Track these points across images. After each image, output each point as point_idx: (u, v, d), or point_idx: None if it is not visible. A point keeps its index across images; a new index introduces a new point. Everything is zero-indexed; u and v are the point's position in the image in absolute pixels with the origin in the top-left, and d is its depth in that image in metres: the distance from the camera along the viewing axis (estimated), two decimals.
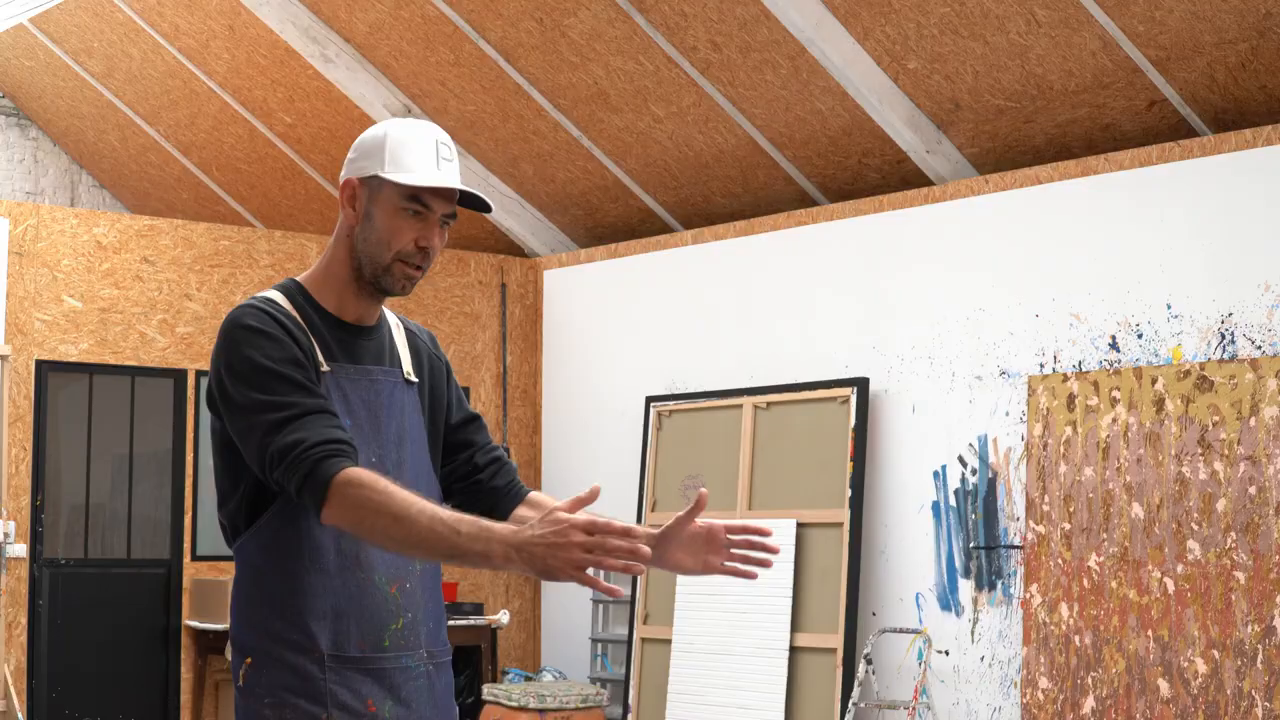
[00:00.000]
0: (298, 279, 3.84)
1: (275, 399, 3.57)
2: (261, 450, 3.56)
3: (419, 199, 3.73)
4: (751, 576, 3.86)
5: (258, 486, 3.68)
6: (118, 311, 11.15)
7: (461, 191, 3.82)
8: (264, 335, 3.63)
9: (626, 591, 3.23)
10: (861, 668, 9.81)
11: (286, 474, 3.52)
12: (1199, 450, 8.59)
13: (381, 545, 3.54)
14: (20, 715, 10.24)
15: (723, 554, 3.84)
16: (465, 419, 3.98)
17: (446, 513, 3.43)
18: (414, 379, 3.89)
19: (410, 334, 3.97)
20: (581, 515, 3.30)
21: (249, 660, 3.70)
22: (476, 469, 3.94)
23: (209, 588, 11.04)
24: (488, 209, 3.88)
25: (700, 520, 3.82)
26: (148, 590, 11.18)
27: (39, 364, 10.83)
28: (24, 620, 10.64)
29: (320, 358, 3.70)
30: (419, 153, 3.76)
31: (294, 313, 3.73)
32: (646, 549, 3.31)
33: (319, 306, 3.78)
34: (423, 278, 3.79)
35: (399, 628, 3.72)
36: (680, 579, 10.85)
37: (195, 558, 11.32)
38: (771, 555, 3.83)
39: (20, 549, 10.56)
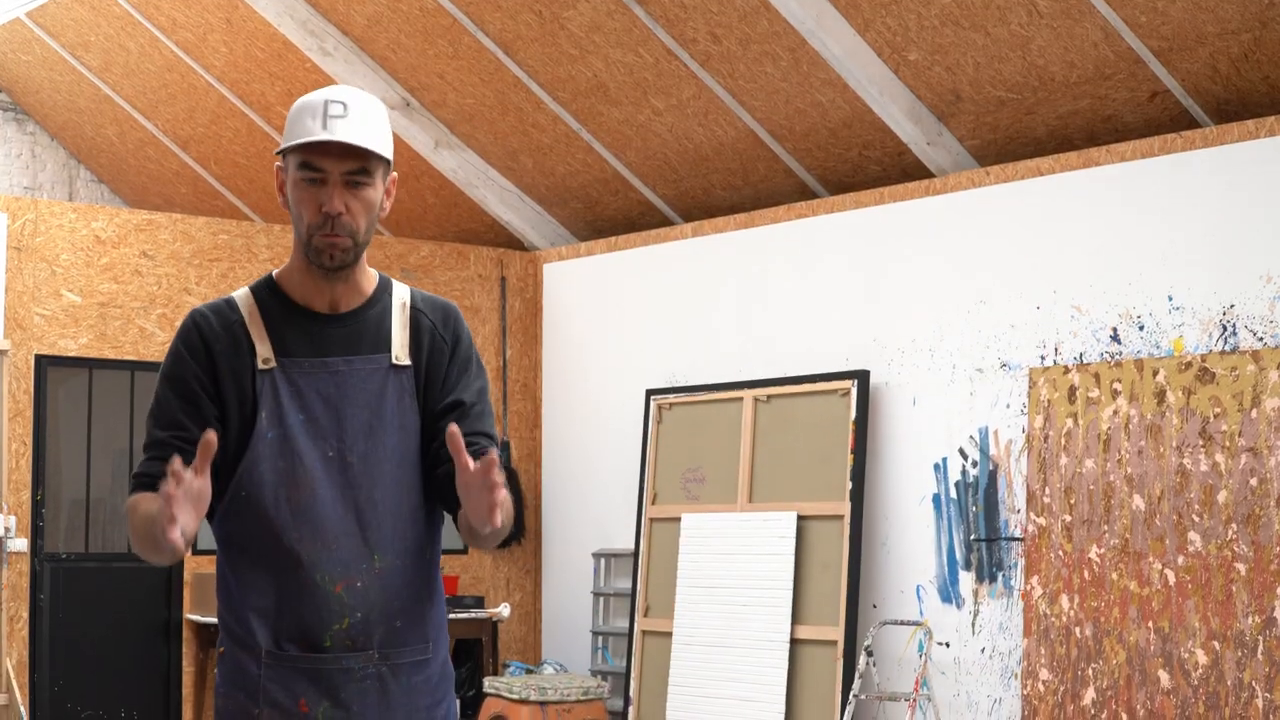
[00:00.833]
0: (273, 274, 3.82)
1: (149, 427, 3.76)
2: None
3: (310, 165, 3.61)
4: (492, 522, 3.41)
5: (215, 481, 3.66)
6: (117, 306, 11.14)
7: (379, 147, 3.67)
8: (176, 357, 3.73)
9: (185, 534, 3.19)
10: (862, 660, 9.81)
11: None
12: (1200, 442, 8.59)
13: (146, 555, 3.61)
14: (22, 709, 10.24)
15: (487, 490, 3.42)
16: (446, 406, 3.80)
17: (151, 509, 3.50)
18: (404, 362, 3.79)
19: (415, 312, 3.85)
20: (179, 460, 3.33)
21: (220, 650, 3.76)
22: (438, 462, 3.76)
23: (210, 582, 11.03)
24: (383, 158, 3.67)
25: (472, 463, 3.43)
26: (149, 584, 11.17)
27: (38, 359, 10.82)
28: (25, 615, 10.64)
29: (265, 354, 3.69)
30: (306, 119, 3.62)
31: (250, 313, 3.73)
32: (173, 495, 3.28)
33: (287, 299, 3.76)
34: (352, 243, 3.65)
35: (343, 628, 3.66)
36: (681, 571, 10.86)
37: (196, 552, 11.30)
38: (495, 491, 3.39)
39: (21, 544, 10.56)
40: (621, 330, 12.22)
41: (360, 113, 3.64)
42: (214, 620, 10.91)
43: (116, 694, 10.98)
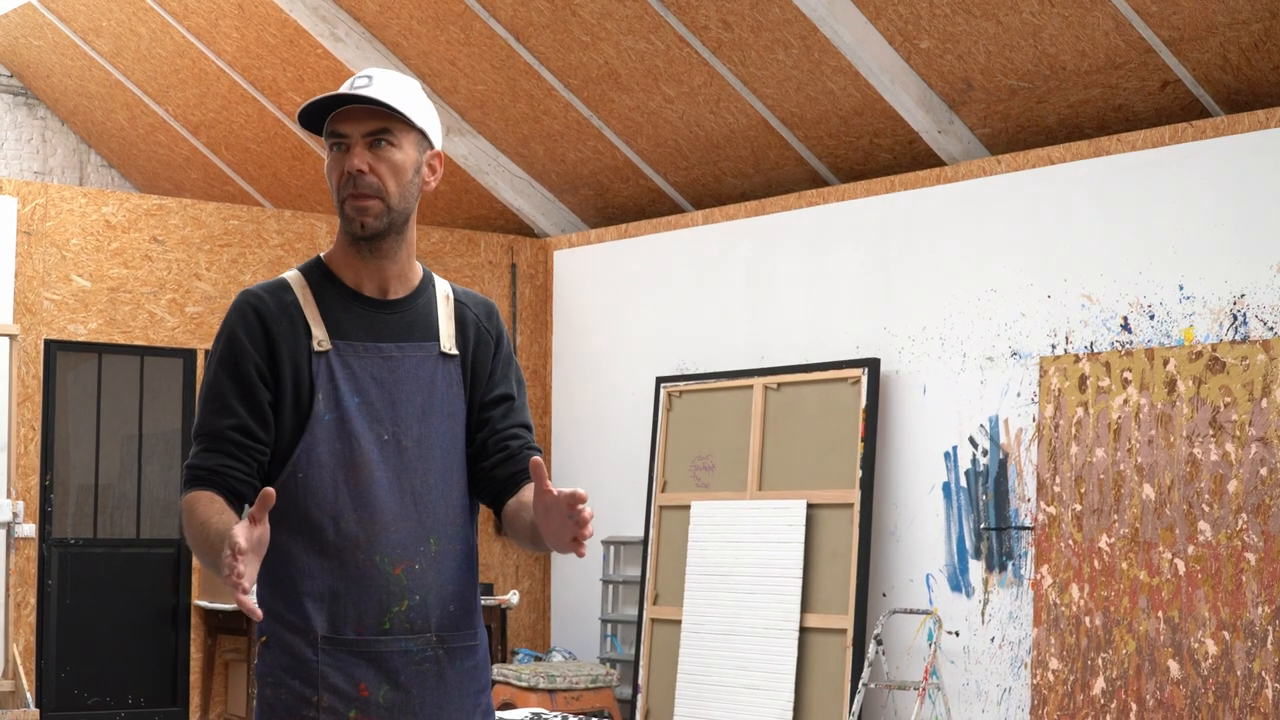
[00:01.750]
0: (321, 256, 3.82)
1: (203, 411, 3.66)
2: None
3: (334, 132, 3.66)
4: (578, 554, 3.51)
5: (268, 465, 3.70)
6: (126, 291, 11.14)
7: (396, 109, 3.67)
8: (235, 340, 3.66)
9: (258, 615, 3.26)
10: (872, 648, 9.80)
11: None
12: (1210, 431, 8.57)
13: (203, 564, 3.62)
14: (29, 695, 10.24)
15: (570, 527, 3.50)
16: (494, 399, 3.85)
17: (215, 525, 3.47)
18: (453, 351, 3.81)
19: (459, 304, 3.87)
20: (240, 530, 3.26)
21: (263, 639, 3.70)
22: (484, 454, 3.82)
23: None
24: (406, 120, 3.68)
25: (557, 489, 3.51)
26: (156, 570, 11.18)
27: (48, 343, 10.82)
28: (33, 600, 10.64)
29: (321, 337, 3.67)
30: (335, 92, 3.68)
31: (304, 295, 3.71)
32: (242, 571, 3.23)
33: (339, 282, 3.75)
34: (382, 205, 3.64)
35: (403, 610, 3.66)
36: (690, 559, 10.85)
37: None
38: (585, 528, 3.47)
39: (29, 529, 10.54)
40: (632, 317, 12.21)
41: (385, 81, 3.69)
42: (222, 606, 10.92)
43: (123, 680, 11.00)
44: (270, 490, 3.29)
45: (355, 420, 3.66)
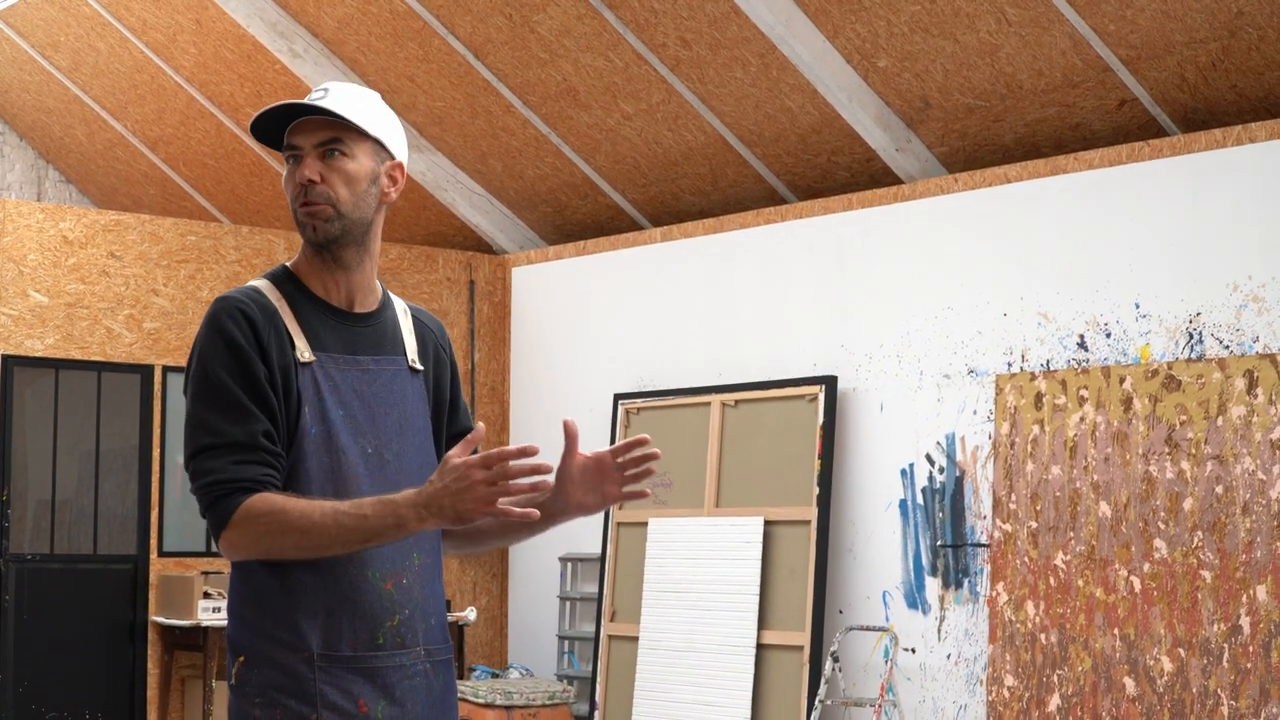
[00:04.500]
0: (288, 265, 3.79)
1: (211, 420, 3.56)
2: (186, 462, 3.61)
3: (289, 145, 3.68)
4: (643, 495, 3.81)
5: None
6: (84, 306, 11.11)
7: (345, 115, 3.68)
8: (231, 345, 3.59)
9: (537, 514, 3.32)
10: (828, 665, 9.81)
11: (196, 496, 3.59)
12: (1166, 450, 8.61)
13: (299, 557, 3.54)
14: None
15: (616, 480, 3.79)
16: (460, 430, 3.92)
17: (346, 504, 3.47)
18: (419, 367, 3.83)
19: (418, 321, 3.91)
20: (476, 454, 3.38)
21: (241, 659, 3.64)
22: None
23: (175, 583, 11.00)
24: (356, 128, 3.67)
25: (585, 452, 3.81)
26: (114, 586, 11.14)
27: (4, 359, 10.78)
28: None
29: (303, 347, 3.65)
30: (282, 103, 3.70)
31: (280, 304, 3.68)
32: (547, 463, 3.43)
33: (309, 292, 3.73)
34: (333, 211, 3.64)
35: (394, 625, 3.65)
36: (648, 576, 10.85)
37: (162, 553, 11.28)
38: (654, 461, 3.77)
39: None
40: (590, 334, 12.22)
41: (341, 92, 3.69)
42: (179, 622, 10.88)
43: (81, 695, 10.95)
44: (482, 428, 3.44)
45: (341, 434, 3.65)
